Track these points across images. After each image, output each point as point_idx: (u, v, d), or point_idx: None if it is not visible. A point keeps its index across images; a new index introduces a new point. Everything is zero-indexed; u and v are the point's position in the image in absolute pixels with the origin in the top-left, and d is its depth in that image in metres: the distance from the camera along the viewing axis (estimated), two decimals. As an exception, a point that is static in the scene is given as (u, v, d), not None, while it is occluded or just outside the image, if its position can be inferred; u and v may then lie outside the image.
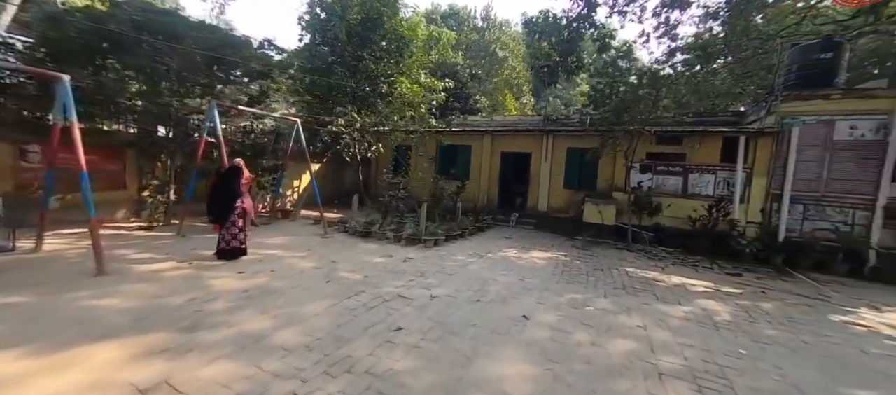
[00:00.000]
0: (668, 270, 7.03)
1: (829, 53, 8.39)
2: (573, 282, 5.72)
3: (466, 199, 12.27)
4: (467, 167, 12.68)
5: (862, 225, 7.82)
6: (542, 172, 11.44)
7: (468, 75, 18.24)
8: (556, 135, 11.22)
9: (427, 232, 7.88)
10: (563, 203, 11.26)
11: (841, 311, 5.27)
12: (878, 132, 7.68)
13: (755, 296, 5.66)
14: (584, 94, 9.51)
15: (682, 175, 9.66)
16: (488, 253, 7.35)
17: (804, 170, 8.27)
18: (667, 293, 5.44)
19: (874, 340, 4.26)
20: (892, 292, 6.50)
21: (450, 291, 4.86)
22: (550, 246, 8.61)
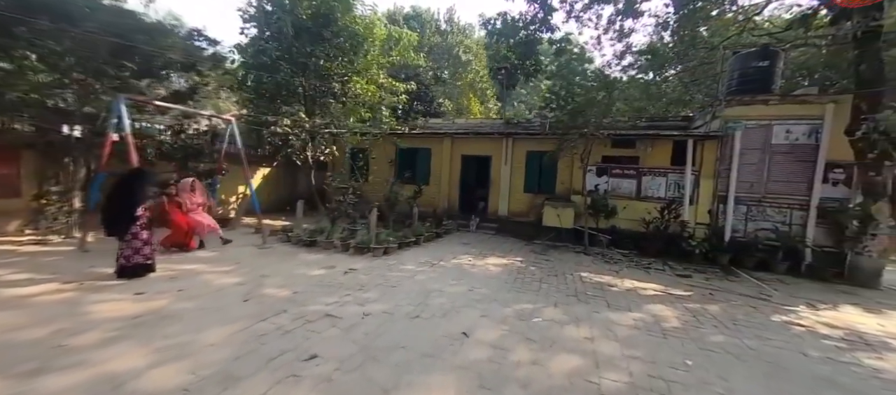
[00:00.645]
0: (622, 273, 6.94)
1: (766, 62, 8.80)
2: (525, 290, 5.42)
3: (426, 204, 11.84)
4: (427, 171, 12.27)
5: (798, 225, 8.19)
6: (503, 176, 11.25)
7: (431, 78, 17.94)
8: (516, 138, 11.09)
9: (378, 240, 7.35)
10: (524, 207, 11.12)
11: (782, 310, 5.32)
12: (810, 136, 8.10)
13: (703, 298, 5.63)
14: (542, 96, 9.39)
15: (636, 178, 9.78)
16: (441, 261, 6.93)
17: (746, 172, 8.58)
18: (618, 299, 5.27)
19: (813, 341, 4.25)
20: (825, 289, 6.77)
21: (388, 306, 4.38)
22: (508, 252, 8.35)
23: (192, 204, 6.49)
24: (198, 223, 6.40)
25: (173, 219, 6.18)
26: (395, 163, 12.60)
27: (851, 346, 4.18)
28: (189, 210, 6.36)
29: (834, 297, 6.26)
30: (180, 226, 6.21)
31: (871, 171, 7.02)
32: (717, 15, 15.29)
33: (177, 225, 6.18)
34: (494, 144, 11.38)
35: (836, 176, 7.91)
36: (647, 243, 8.98)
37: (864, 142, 6.93)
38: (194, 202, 6.54)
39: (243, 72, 10.17)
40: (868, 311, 5.61)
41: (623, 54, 10.68)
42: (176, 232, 6.20)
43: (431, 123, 14.48)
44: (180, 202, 6.32)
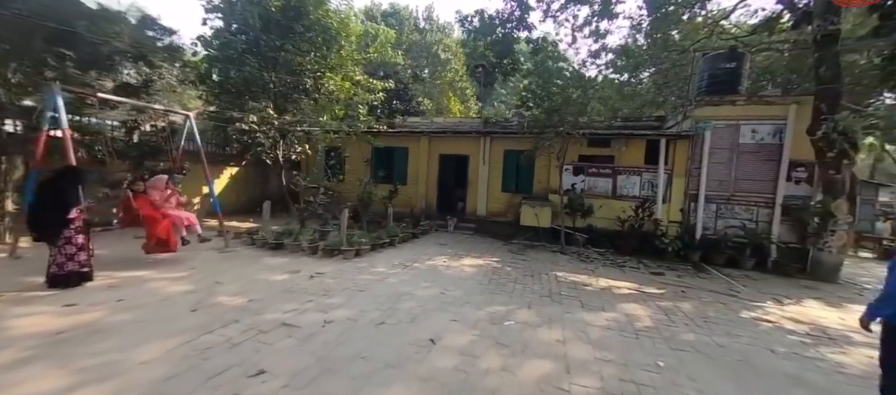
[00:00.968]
0: (598, 272, 6.92)
1: (733, 63, 9.04)
2: (499, 292, 5.27)
3: (403, 204, 11.57)
4: (404, 171, 12.00)
5: (765, 222, 8.44)
6: (481, 176, 11.12)
7: (410, 76, 17.66)
8: (494, 137, 10.99)
9: (349, 242, 7.04)
10: (502, 207, 11.03)
11: (750, 306, 5.40)
12: (774, 136, 8.36)
13: (675, 296, 5.65)
14: (519, 95, 9.32)
15: (611, 177, 9.86)
16: (415, 262, 6.70)
17: (716, 171, 8.78)
18: (592, 299, 5.20)
19: (779, 337, 4.28)
20: (789, 284, 6.96)
21: (352, 312, 4.11)
22: (485, 252, 8.21)
23: (166, 201, 5.89)
24: (176, 217, 5.73)
25: (147, 215, 5.51)
26: (370, 162, 12.26)
27: (816, 341, 4.24)
28: (161, 207, 5.73)
29: (798, 292, 6.44)
30: (156, 221, 5.50)
31: (831, 169, 7.29)
32: (688, 19, 15.79)
33: (151, 221, 5.49)
34: (472, 144, 11.24)
35: (799, 174, 8.20)
36: (622, 242, 9.05)
37: (825, 141, 7.18)
38: (167, 199, 5.95)
39: (206, 65, 9.61)
40: (829, 305, 5.78)
41: (598, 53, 10.78)
42: (153, 231, 5.48)
43: (409, 121, 14.21)
44: (152, 200, 5.72)
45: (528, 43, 10.03)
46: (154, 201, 5.64)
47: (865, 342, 4.23)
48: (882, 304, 2.45)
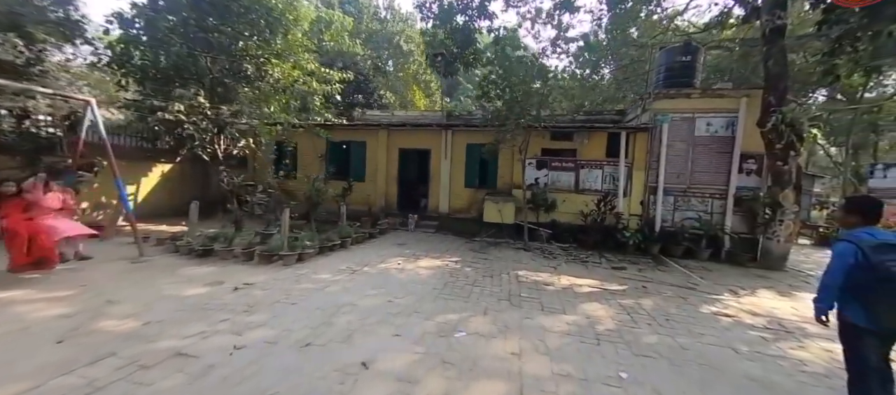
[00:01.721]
0: (560, 269, 6.64)
1: (688, 57, 9.14)
2: (454, 297, 4.78)
3: (360, 202, 10.84)
4: (362, 166, 11.25)
5: (719, 213, 8.60)
6: (443, 171, 10.62)
7: (371, 67, 16.79)
8: (456, 130, 10.51)
9: (292, 245, 6.27)
10: (465, 203, 10.60)
11: (709, 300, 5.29)
12: (727, 128, 8.51)
13: (637, 292, 5.44)
14: (478, 84, 8.89)
15: (574, 171, 9.70)
16: (365, 266, 6.07)
17: (673, 164, 8.84)
18: (553, 300, 4.84)
19: (740, 333, 4.12)
20: (743, 274, 7.06)
21: (274, 333, 3.44)
22: (445, 251, 7.72)
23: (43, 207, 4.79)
24: (48, 229, 4.65)
25: (9, 227, 4.45)
26: (325, 157, 11.38)
27: (775, 335, 4.11)
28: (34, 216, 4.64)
29: (751, 282, 6.50)
30: (16, 235, 4.46)
31: (779, 160, 7.47)
32: (645, 17, 16.18)
33: (13, 234, 4.46)
34: (433, 137, 10.70)
35: (750, 166, 8.40)
36: (585, 236, 8.92)
37: (774, 133, 7.34)
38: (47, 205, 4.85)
39: (123, 46, 8.34)
40: (781, 295, 5.83)
41: (556, 40, 10.54)
42: (12, 246, 4.47)
43: (369, 114, 13.43)
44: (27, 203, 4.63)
45: (490, 32, 9.62)
46: (31, 205, 4.59)
47: (820, 334, 4.16)
48: (820, 296, 2.40)
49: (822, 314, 2.42)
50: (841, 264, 2.27)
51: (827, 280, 2.35)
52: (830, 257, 2.35)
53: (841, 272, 2.27)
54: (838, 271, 2.28)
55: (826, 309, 2.40)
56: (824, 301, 2.38)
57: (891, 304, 2.12)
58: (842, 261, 2.27)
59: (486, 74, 8.70)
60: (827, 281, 2.34)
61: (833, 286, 2.32)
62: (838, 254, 2.29)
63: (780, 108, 7.29)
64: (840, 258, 2.28)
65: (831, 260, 2.33)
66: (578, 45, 14.06)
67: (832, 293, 2.35)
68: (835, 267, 2.30)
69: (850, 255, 2.23)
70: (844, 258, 2.25)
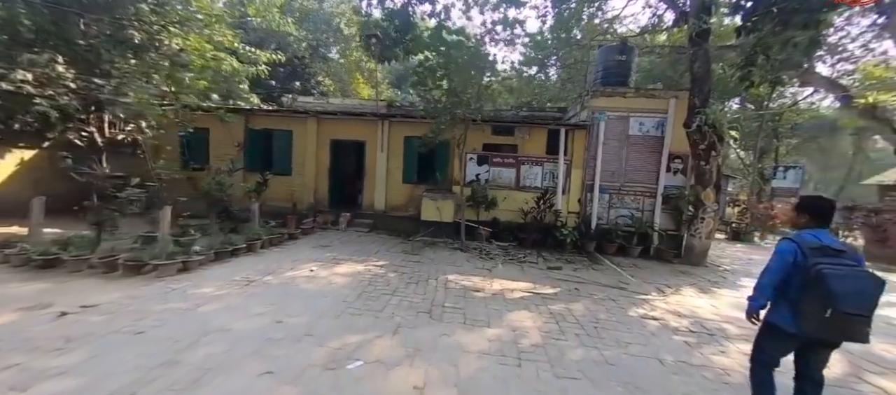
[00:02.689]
0: (495, 272, 6.22)
1: (624, 56, 9.24)
2: (365, 311, 4.07)
3: (285, 198, 9.65)
4: (288, 158, 10.03)
5: (649, 211, 8.81)
6: (379, 165, 9.79)
7: (306, 50, 15.33)
8: (393, 121, 9.72)
9: (172, 253, 5.11)
10: (403, 200, 9.88)
11: (638, 301, 5.16)
12: (658, 128, 8.73)
13: (568, 296, 5.16)
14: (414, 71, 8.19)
15: (515, 167, 9.43)
16: (268, 275, 5.12)
17: (609, 162, 8.90)
18: (479, 310, 4.34)
19: (666, 338, 3.93)
20: (669, 271, 7.21)
21: (79, 383, 2.47)
22: (373, 253, 6.96)
23: None
24: None
25: None
26: (242, 147, 9.97)
27: (698, 339, 3.97)
28: None
29: (676, 279, 6.60)
30: None
31: (702, 160, 7.75)
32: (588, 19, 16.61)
33: None
34: (369, 128, 9.81)
35: (677, 166, 8.69)
36: (525, 235, 8.68)
37: (698, 134, 7.58)
38: None
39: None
40: (702, 292, 5.93)
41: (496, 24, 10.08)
42: None
43: (302, 101, 12.12)
44: None
45: (432, 17, 8.96)
46: None
47: (739, 336, 4.13)
48: (755, 294, 2.34)
49: (754, 312, 2.36)
50: (780, 264, 2.20)
51: (765, 279, 2.27)
52: (771, 256, 2.26)
53: (779, 272, 2.21)
54: (777, 270, 2.21)
55: (759, 308, 2.34)
56: (758, 300, 2.32)
57: (816, 309, 2.01)
58: (781, 260, 2.19)
59: (422, 60, 8.02)
60: (764, 280, 2.27)
61: (770, 286, 2.26)
62: (779, 253, 2.22)
63: (703, 109, 7.54)
64: (780, 258, 2.21)
65: (771, 259, 2.25)
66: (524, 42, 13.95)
67: (768, 292, 2.28)
68: (774, 266, 2.23)
69: (790, 255, 2.16)
70: (784, 258, 2.18)
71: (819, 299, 1.99)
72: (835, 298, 1.94)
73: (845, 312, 1.95)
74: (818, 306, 1.99)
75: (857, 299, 1.96)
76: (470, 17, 8.40)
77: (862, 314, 1.98)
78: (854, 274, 2.00)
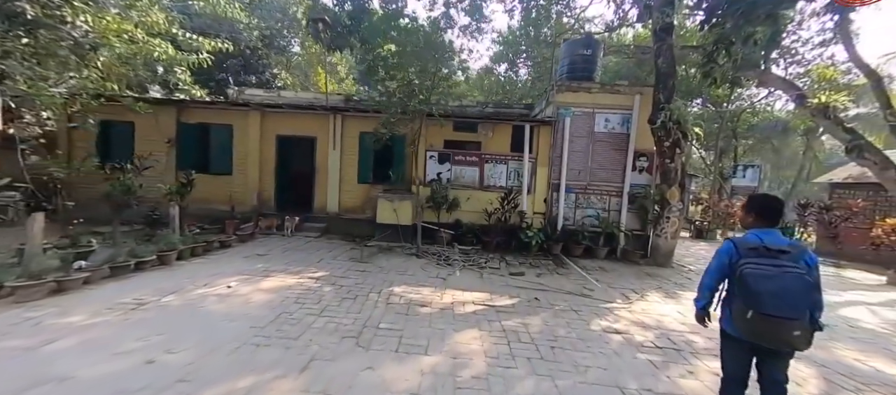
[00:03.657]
0: (450, 280, 5.61)
1: (589, 51, 8.92)
2: (275, 340, 3.32)
3: (223, 200, 8.63)
4: (227, 155, 8.99)
5: (615, 211, 8.52)
6: (331, 163, 8.95)
7: (259, 40, 14.15)
8: (346, 115, 8.91)
9: (52, 268, 4.13)
10: (358, 201, 9.10)
11: (601, 311, 4.70)
12: (623, 125, 8.44)
13: (527, 308, 4.62)
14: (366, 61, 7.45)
15: (478, 166, 8.88)
16: (170, 295, 4.24)
17: (575, 160, 8.53)
18: (420, 331, 3.70)
19: (629, 357, 3.44)
20: (635, 273, 6.88)
21: None
22: (315, 262, 6.17)
23: None
24: None
25: None
26: (174, 143, 8.83)
27: (664, 357, 3.52)
28: None
29: (642, 283, 6.26)
30: None
31: (667, 158, 7.50)
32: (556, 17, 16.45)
33: None
34: (320, 123, 8.95)
35: (642, 164, 8.45)
36: (489, 237, 8.14)
37: (662, 130, 7.32)
38: None
39: None
40: (668, 296, 5.58)
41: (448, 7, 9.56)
42: None
43: (249, 93, 11.04)
44: None
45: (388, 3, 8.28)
46: None
47: (707, 350, 3.72)
48: (698, 295, 2.32)
49: (700, 313, 2.34)
50: (717, 264, 2.17)
51: (704, 280, 2.27)
52: (712, 256, 2.22)
53: (717, 272, 2.18)
54: (714, 271, 2.19)
55: (702, 308, 2.31)
56: (700, 301, 2.31)
57: (740, 310, 1.97)
58: (718, 261, 2.17)
59: (375, 47, 7.31)
60: (704, 281, 2.27)
61: (708, 287, 2.25)
62: (717, 253, 2.18)
63: (668, 105, 7.29)
64: (718, 258, 2.17)
65: (711, 260, 2.22)
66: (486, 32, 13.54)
67: (706, 294, 2.27)
68: (712, 267, 2.20)
69: (726, 255, 2.13)
70: (721, 258, 2.15)
71: (741, 299, 1.96)
72: (753, 297, 1.89)
73: (764, 313, 1.86)
74: (741, 307, 1.96)
75: (775, 299, 1.85)
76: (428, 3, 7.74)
77: (783, 316, 1.85)
78: (779, 275, 1.88)
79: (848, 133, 9.56)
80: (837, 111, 10.22)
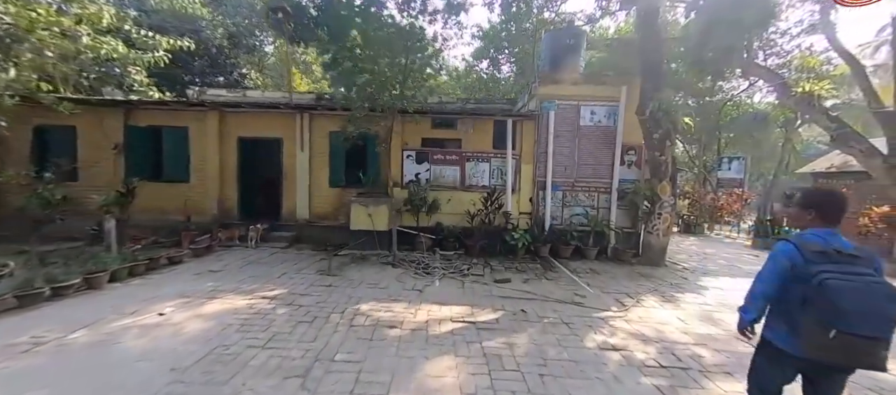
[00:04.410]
0: (428, 292, 5.01)
1: (572, 40, 8.48)
2: (195, 388, 2.66)
3: (177, 210, 7.81)
4: (182, 161, 8.16)
5: (604, 208, 8.07)
6: (299, 166, 8.23)
7: (225, 38, 13.27)
8: (314, 114, 8.21)
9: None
10: (331, 207, 8.40)
11: (596, 322, 4.18)
12: (610, 118, 8.01)
13: (512, 323, 4.06)
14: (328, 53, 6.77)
15: (459, 164, 8.31)
16: (81, 329, 3.51)
17: (561, 156, 8.06)
18: (384, 361, 3.09)
19: (632, 385, 2.91)
20: (628, 275, 6.42)
21: None
22: (276, 277, 5.47)
23: None
24: None
25: None
26: (121, 149, 7.96)
27: (671, 379, 3.00)
28: None
29: (636, 285, 5.79)
30: None
31: (657, 151, 7.09)
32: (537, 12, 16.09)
33: None
34: (285, 123, 8.22)
35: (630, 158, 8.03)
36: (472, 241, 7.56)
37: (651, 122, 6.90)
38: None
39: None
40: (665, 300, 5.12)
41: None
42: None
43: (211, 94, 10.20)
44: None
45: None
46: None
47: (716, 367, 3.22)
48: (746, 305, 1.97)
49: (746, 327, 1.99)
50: (775, 270, 1.84)
51: (757, 287, 1.92)
52: (766, 260, 1.90)
53: (775, 279, 1.84)
54: (771, 276, 1.85)
55: (751, 321, 1.97)
56: (751, 311, 1.96)
57: (817, 328, 1.61)
58: (776, 265, 1.83)
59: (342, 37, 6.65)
60: (757, 288, 1.92)
61: (763, 295, 1.90)
62: (774, 257, 1.86)
63: (657, 95, 6.88)
64: (775, 262, 1.85)
65: (766, 263, 1.89)
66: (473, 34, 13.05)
67: (761, 303, 1.92)
68: (768, 272, 1.87)
69: (786, 259, 1.79)
70: (779, 262, 1.82)
71: (821, 315, 1.60)
72: (841, 316, 1.54)
73: (855, 334, 1.53)
74: (818, 324, 1.60)
75: (866, 317, 1.54)
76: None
77: (875, 337, 1.54)
78: (867, 287, 1.57)
79: (833, 122, 9.42)
80: (822, 100, 10.10)
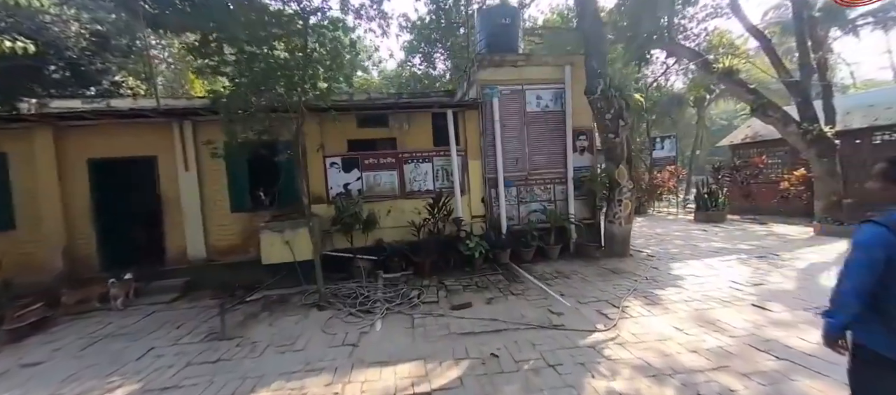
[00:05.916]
0: (364, 345, 3.67)
1: (508, 19, 7.67)
2: None
3: (10, 269, 5.44)
4: (4, 200, 5.77)
5: (562, 200, 7.35)
6: (186, 190, 6.29)
7: (85, 39, 10.41)
8: (199, 122, 6.31)
9: None
10: (237, 238, 6.58)
11: (586, 354, 3.21)
12: (557, 102, 7.32)
13: (480, 379, 2.91)
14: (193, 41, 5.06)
15: (396, 168, 7.02)
16: None
17: (510, 148, 7.19)
18: None
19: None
20: (598, 273, 5.71)
21: None
22: (135, 359, 3.70)
23: None
24: None
25: None
26: None
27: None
28: None
29: (612, 288, 5.03)
30: None
31: (610, 133, 6.51)
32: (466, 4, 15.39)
33: None
34: (159, 136, 6.22)
35: (582, 143, 7.42)
36: (421, 257, 6.32)
37: (603, 100, 6.28)
38: None
39: None
40: (651, 304, 4.38)
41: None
42: None
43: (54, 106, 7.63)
44: None
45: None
46: None
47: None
48: (835, 308, 1.54)
49: (837, 336, 1.55)
50: (867, 261, 1.42)
51: (845, 284, 1.48)
52: (851, 250, 1.47)
53: (867, 273, 1.42)
54: (864, 269, 1.42)
55: (842, 328, 1.53)
56: (840, 315, 1.51)
57: None
58: (869, 255, 1.41)
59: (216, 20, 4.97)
60: (845, 285, 1.48)
61: (854, 292, 1.46)
62: (863, 245, 1.43)
63: (603, 72, 6.27)
64: (866, 251, 1.42)
65: (852, 254, 1.47)
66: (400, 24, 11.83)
67: (853, 304, 1.47)
68: (859, 264, 1.44)
69: (879, 247, 1.39)
70: (872, 251, 1.40)
71: None
72: None
73: None
74: None
75: None
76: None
77: None
78: None
79: (751, 94, 9.87)
80: (739, 74, 10.60)
